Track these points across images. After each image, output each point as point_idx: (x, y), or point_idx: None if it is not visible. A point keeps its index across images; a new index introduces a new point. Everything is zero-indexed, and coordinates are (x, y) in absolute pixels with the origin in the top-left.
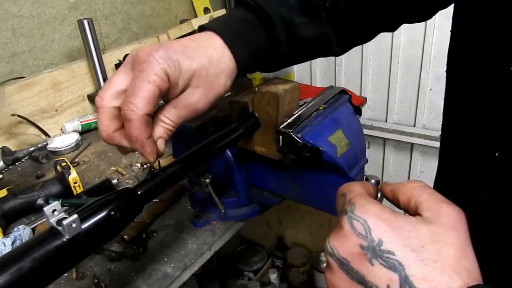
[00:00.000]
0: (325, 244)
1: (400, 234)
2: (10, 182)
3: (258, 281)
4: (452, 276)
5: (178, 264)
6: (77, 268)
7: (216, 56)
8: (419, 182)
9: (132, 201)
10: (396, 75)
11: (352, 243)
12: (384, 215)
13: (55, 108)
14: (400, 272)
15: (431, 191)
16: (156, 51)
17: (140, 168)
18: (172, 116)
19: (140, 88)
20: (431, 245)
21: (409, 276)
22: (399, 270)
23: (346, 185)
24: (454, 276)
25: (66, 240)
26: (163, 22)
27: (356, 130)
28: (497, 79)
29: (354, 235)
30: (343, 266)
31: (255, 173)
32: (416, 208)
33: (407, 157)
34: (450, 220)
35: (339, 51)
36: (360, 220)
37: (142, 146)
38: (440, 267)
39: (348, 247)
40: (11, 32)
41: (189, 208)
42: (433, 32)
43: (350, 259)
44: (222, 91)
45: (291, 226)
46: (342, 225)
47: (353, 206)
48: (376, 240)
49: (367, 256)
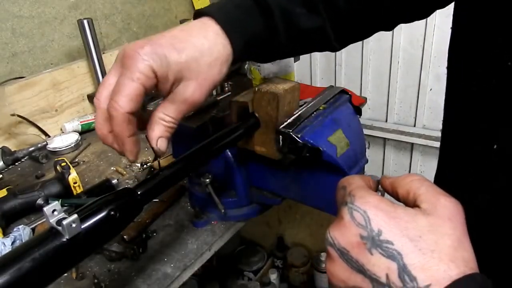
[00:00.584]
0: (326, 235)
1: (398, 224)
2: (10, 182)
3: (258, 281)
4: (449, 265)
5: (178, 264)
6: (77, 268)
7: (207, 44)
8: (418, 175)
9: (132, 201)
10: (396, 75)
11: (352, 233)
12: (383, 206)
13: (55, 108)
14: (399, 261)
15: (429, 184)
16: (142, 47)
17: (140, 168)
18: (172, 112)
19: (123, 86)
20: (429, 235)
21: (407, 265)
22: (398, 259)
23: (346, 178)
24: (451, 265)
25: (66, 240)
26: (163, 22)
27: (356, 130)
28: (496, 75)
29: (354, 225)
30: (343, 256)
31: (255, 173)
32: (414, 201)
33: (407, 157)
34: (447, 212)
35: (337, 46)
36: (360, 211)
37: (123, 144)
38: (437, 256)
39: (348, 237)
40: (11, 32)
41: (189, 208)
42: (433, 32)
43: (350, 248)
44: (218, 79)
45: (291, 226)
46: (342, 215)
47: (353, 198)
48: (375, 230)
49: (367, 246)
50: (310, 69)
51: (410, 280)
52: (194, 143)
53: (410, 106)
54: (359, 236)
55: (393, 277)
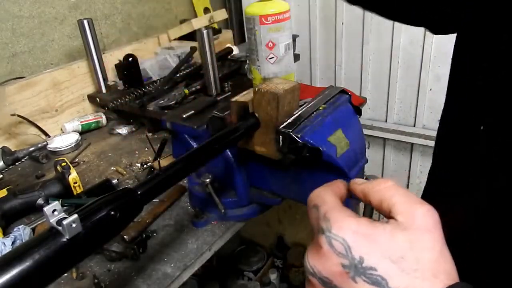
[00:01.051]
0: (305, 263)
1: (380, 247)
2: (10, 182)
3: (258, 281)
4: (432, 281)
5: (178, 264)
6: (77, 268)
7: None
8: (389, 181)
9: (132, 201)
10: (396, 75)
11: (333, 263)
12: (361, 229)
13: (55, 108)
14: (384, 286)
15: (402, 192)
16: None
17: (140, 168)
18: None
19: None
20: (409, 253)
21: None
22: (383, 285)
23: (317, 194)
24: (434, 281)
25: (66, 240)
26: (163, 22)
27: (356, 130)
28: (502, 69)
29: (334, 254)
30: (326, 285)
31: (255, 173)
32: (389, 211)
33: (407, 157)
34: (425, 223)
35: None
36: (338, 239)
37: None
38: (421, 275)
39: (329, 266)
40: (11, 32)
41: (189, 208)
42: None
43: (332, 278)
44: None
45: (291, 226)
46: (320, 244)
47: (329, 224)
48: (357, 258)
49: (350, 275)
50: (310, 69)
51: None
52: (194, 143)
53: (410, 106)
54: (340, 266)
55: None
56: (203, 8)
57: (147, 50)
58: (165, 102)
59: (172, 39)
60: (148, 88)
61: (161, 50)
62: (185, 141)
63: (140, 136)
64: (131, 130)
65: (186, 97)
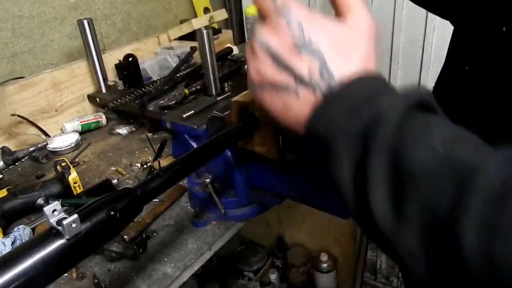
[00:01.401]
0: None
1: (327, 34)
2: (10, 182)
3: (258, 281)
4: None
5: (178, 264)
6: (77, 268)
7: None
8: None
9: (132, 201)
10: (396, 75)
11: (287, 41)
12: (314, 18)
13: (55, 108)
14: (321, 60)
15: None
16: None
17: (140, 168)
18: None
19: None
20: (348, 44)
21: (327, 63)
22: (322, 58)
23: None
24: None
25: (66, 240)
26: (163, 22)
27: None
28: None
29: (290, 34)
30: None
31: (255, 173)
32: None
33: None
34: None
35: None
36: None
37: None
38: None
39: (282, 43)
40: (11, 32)
41: (189, 208)
42: (433, 32)
43: (283, 51)
44: None
45: (291, 226)
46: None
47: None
48: (307, 39)
49: (297, 50)
50: None
51: (328, 76)
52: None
53: None
54: (292, 44)
55: (315, 73)
56: (203, 8)
57: (147, 50)
58: (165, 102)
59: (172, 39)
60: (148, 88)
61: (161, 50)
62: (185, 141)
63: (140, 136)
64: (131, 130)
65: (186, 97)
